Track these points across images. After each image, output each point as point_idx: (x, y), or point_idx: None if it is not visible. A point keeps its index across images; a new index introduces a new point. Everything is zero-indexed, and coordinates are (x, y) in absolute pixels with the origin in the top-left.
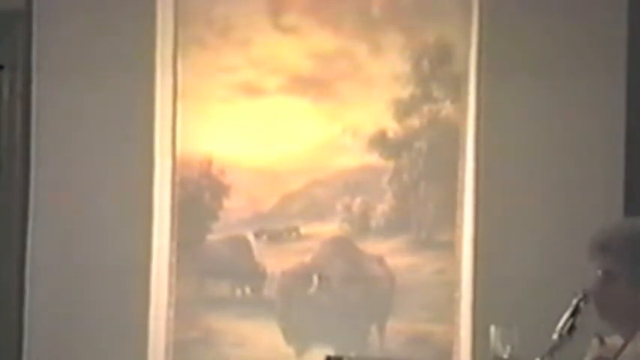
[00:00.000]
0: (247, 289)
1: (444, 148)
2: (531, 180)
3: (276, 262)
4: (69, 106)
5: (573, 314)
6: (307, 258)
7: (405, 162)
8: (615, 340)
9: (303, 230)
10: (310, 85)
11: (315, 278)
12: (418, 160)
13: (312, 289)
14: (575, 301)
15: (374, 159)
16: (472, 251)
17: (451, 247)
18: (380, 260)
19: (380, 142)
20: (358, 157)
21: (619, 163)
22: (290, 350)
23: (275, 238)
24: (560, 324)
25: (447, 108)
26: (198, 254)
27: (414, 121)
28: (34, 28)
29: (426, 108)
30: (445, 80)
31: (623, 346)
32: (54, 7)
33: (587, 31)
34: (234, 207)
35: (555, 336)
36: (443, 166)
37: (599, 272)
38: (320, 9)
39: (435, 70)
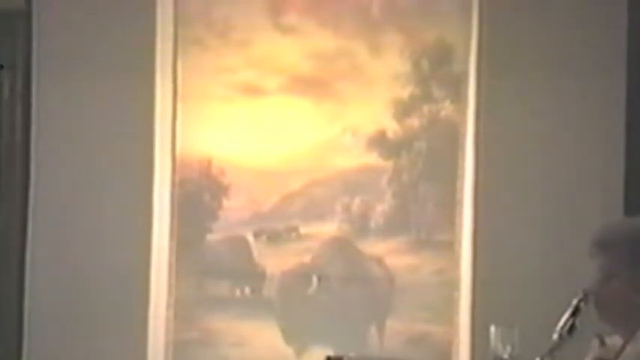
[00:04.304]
0: (247, 289)
1: (443, 148)
2: (531, 180)
3: (275, 262)
4: (69, 106)
5: (573, 314)
6: (307, 258)
7: (404, 162)
8: (615, 341)
9: (302, 230)
10: (310, 85)
11: (315, 278)
12: (418, 160)
13: (312, 289)
14: (575, 301)
15: (373, 159)
16: (471, 251)
17: (450, 247)
18: (379, 260)
19: (379, 142)
20: (358, 157)
21: (619, 163)
22: (289, 350)
23: (274, 238)
24: (560, 324)
25: (446, 108)
26: (198, 254)
27: (414, 121)
28: (34, 28)
29: (425, 108)
30: (445, 80)
31: (623, 347)
32: (54, 7)
33: (587, 31)
34: (234, 207)
35: (555, 336)
36: (442, 166)
37: (599, 271)
38: (320, 9)
39: (434, 70)
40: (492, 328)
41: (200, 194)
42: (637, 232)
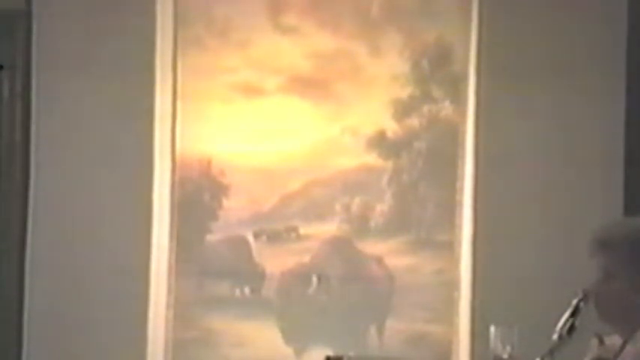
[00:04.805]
0: (246, 289)
1: (443, 148)
2: (531, 180)
3: (275, 262)
4: (69, 106)
5: (573, 314)
6: (306, 258)
7: (404, 162)
8: (615, 340)
9: (302, 230)
10: (309, 85)
11: (315, 278)
12: (417, 161)
13: (311, 289)
14: (575, 301)
15: (373, 159)
16: (471, 251)
17: (450, 247)
18: (379, 260)
19: (379, 142)
20: (357, 157)
21: (619, 163)
22: (289, 350)
23: (274, 238)
24: (560, 324)
25: (446, 108)
26: (198, 254)
27: (414, 122)
28: (34, 28)
29: (425, 108)
30: (444, 80)
31: (623, 346)
32: (54, 7)
33: (587, 31)
34: (234, 207)
35: (555, 336)
36: (442, 167)
37: (599, 271)
38: (320, 9)
39: (434, 70)
40: (492, 328)
41: (200, 194)
42: (637, 232)
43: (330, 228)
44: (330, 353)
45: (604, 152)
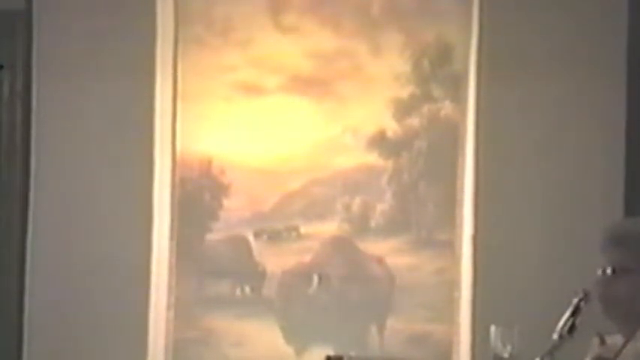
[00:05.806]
0: (247, 289)
1: (443, 147)
2: (531, 180)
3: (275, 261)
4: (69, 106)
5: (573, 314)
6: (307, 258)
7: (404, 162)
8: (616, 340)
9: (302, 230)
10: (310, 84)
11: (315, 278)
12: (418, 160)
13: (312, 289)
14: (575, 301)
15: (373, 159)
16: (472, 251)
17: (451, 246)
18: (379, 260)
19: (379, 141)
20: (358, 157)
21: (619, 163)
22: (290, 350)
23: (275, 237)
24: (561, 324)
25: (446, 108)
26: (198, 254)
27: (414, 121)
28: (34, 28)
29: (425, 108)
30: (445, 80)
31: (624, 345)
32: (54, 7)
33: (587, 31)
34: (234, 207)
35: (555, 336)
36: (442, 166)
37: (608, 268)
38: (320, 9)
39: (434, 69)
40: (492, 328)
41: (200, 194)
42: None
43: (330, 227)
44: (331, 353)
45: (604, 152)
